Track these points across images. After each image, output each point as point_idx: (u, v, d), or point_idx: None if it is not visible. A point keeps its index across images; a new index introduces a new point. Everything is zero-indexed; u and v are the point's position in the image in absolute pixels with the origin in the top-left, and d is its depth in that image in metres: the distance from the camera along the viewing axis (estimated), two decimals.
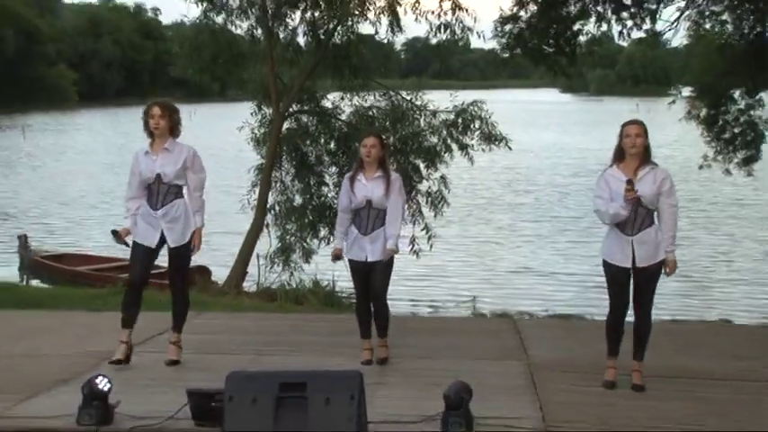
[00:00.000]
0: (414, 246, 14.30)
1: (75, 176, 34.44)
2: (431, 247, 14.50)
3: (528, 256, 20.08)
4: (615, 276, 6.81)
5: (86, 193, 30.22)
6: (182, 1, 14.52)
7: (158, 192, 7.17)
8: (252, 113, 15.16)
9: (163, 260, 7.59)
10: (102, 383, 5.77)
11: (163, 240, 7.23)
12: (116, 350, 7.18)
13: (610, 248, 6.83)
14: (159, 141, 7.18)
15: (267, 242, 14.75)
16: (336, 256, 7.61)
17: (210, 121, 48.98)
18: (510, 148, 14.80)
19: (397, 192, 7.45)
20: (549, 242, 21.70)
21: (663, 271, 6.78)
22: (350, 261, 7.51)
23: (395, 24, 14.42)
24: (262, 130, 14.94)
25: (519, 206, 27.32)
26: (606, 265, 6.86)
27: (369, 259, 7.36)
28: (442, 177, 14.58)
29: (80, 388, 5.85)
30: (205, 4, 14.52)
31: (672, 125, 16.46)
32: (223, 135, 36.61)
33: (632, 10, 13.14)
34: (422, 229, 14.47)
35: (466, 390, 5.70)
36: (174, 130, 7.23)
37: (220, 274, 15.07)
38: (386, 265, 7.38)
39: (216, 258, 17.26)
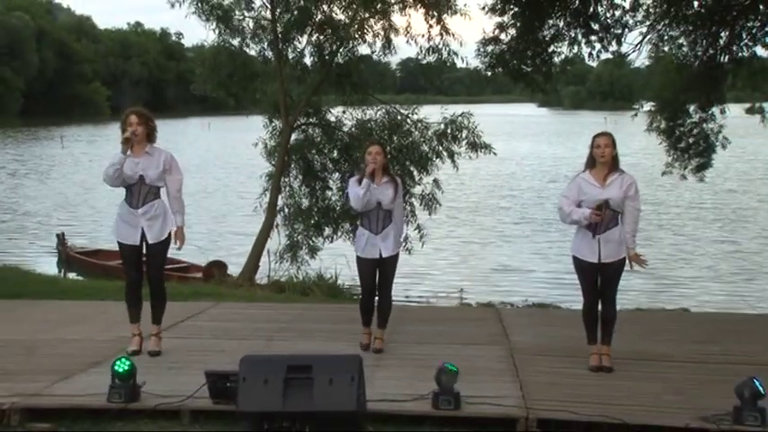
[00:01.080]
0: (407, 243, 14.24)
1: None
2: (422, 245, 14.47)
3: (509, 253, 20.04)
4: (583, 270, 6.81)
5: (114, 196, 29.99)
6: (202, 26, 14.55)
7: (140, 192, 7.01)
8: (264, 126, 15.17)
9: (178, 254, 7.39)
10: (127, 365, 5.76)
11: (143, 237, 7.05)
12: (131, 342, 7.12)
13: (579, 246, 6.83)
14: (138, 147, 6.99)
15: (277, 240, 14.72)
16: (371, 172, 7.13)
17: (225, 133, 48.78)
18: (495, 154, 14.82)
19: (401, 196, 7.47)
20: (527, 241, 21.66)
21: (630, 266, 6.78)
22: (363, 259, 7.34)
23: (387, 47, 14.53)
24: (272, 141, 14.95)
25: (501, 209, 27.25)
26: (575, 260, 6.86)
27: (383, 255, 7.28)
28: (435, 181, 14.56)
29: (110, 369, 5.83)
30: (222, 29, 14.55)
31: (636, 136, 16.44)
32: (236, 145, 36.47)
33: (600, 34, 13.15)
34: (414, 229, 14.44)
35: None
36: (150, 135, 7.05)
37: (235, 269, 15.04)
38: (395, 260, 7.37)
39: (231, 254, 17.26)
